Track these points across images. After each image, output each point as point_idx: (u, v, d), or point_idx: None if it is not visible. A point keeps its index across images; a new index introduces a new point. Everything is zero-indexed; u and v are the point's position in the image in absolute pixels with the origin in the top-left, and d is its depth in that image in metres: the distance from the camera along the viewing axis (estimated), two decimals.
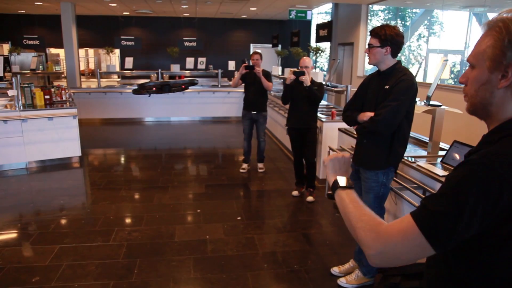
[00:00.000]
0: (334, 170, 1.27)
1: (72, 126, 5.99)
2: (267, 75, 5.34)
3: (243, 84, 5.53)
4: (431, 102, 3.41)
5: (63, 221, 4.07)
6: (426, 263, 1.12)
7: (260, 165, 5.83)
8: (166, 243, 3.54)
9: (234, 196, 4.90)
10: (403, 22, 13.59)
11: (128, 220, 4.11)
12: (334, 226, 4.03)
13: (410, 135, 3.82)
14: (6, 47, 14.61)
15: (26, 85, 5.82)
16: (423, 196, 2.76)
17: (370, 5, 9.92)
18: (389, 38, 2.53)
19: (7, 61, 5.86)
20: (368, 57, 2.70)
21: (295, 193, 4.79)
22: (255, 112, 5.48)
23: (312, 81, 4.31)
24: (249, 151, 5.75)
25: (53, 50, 15.09)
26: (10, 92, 5.59)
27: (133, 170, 6.12)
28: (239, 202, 4.70)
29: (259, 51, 5.58)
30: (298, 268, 3.21)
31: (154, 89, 6.05)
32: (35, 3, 11.17)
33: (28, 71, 11.48)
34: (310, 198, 4.58)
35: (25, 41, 11.62)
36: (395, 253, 0.93)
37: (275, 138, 7.87)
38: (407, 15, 13.66)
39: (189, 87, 7.16)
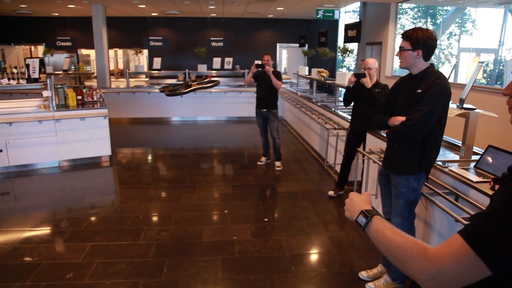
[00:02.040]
0: (356, 206, 1.27)
1: (102, 126, 6.15)
2: (277, 74, 5.61)
3: (255, 83, 5.81)
4: (465, 105, 3.32)
5: (95, 219, 4.19)
6: None
7: (277, 163, 5.90)
8: (194, 243, 3.59)
9: (261, 197, 4.92)
10: (433, 21, 13.24)
11: (157, 220, 4.19)
12: (362, 230, 3.97)
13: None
14: (40, 49, 15.17)
15: (60, 86, 6.02)
16: (455, 202, 2.69)
17: (400, 4, 9.73)
18: (421, 41, 2.48)
19: (42, 62, 6.08)
20: (399, 60, 2.65)
21: (331, 193, 4.78)
22: (265, 110, 5.74)
23: (376, 82, 4.28)
24: (266, 145, 6.10)
25: (84, 51, 15.53)
26: (45, 93, 5.78)
27: (161, 170, 6.23)
28: (266, 203, 4.72)
29: (269, 52, 5.84)
30: (325, 271, 3.19)
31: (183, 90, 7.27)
32: (68, 6, 11.53)
33: (61, 72, 11.88)
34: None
35: (58, 43, 12.01)
36: (450, 276, 0.89)
37: (302, 139, 7.84)
38: (437, 13, 13.30)
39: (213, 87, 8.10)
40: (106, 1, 10.52)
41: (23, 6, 11.90)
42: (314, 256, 3.49)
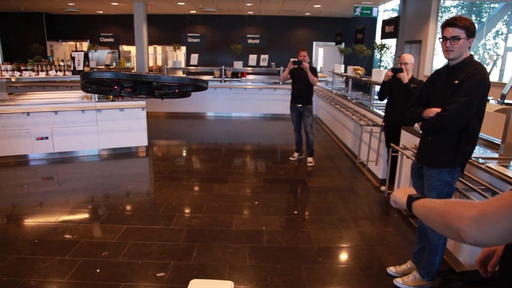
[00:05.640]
0: (402, 194, 1.26)
1: (140, 117, 6.36)
2: (313, 70, 5.66)
3: (291, 80, 5.86)
4: (506, 101, 3.19)
5: (130, 204, 4.36)
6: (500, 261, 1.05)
7: (309, 159, 5.91)
8: (224, 231, 3.67)
9: (292, 191, 4.94)
10: (478, 19, 12.70)
11: (188, 207, 4.30)
12: (393, 227, 3.92)
13: (481, 136, 3.61)
14: (85, 45, 15.85)
15: None
16: None
17: (442, 1, 9.42)
18: (473, 29, 2.41)
19: (86, 56, 6.38)
20: (447, 52, 2.48)
21: (383, 188, 4.81)
22: (300, 105, 5.78)
23: (412, 78, 4.29)
24: (299, 141, 6.11)
25: (125, 47, 16.08)
26: None
27: (195, 162, 6.38)
28: (296, 197, 4.73)
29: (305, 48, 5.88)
30: (353, 265, 3.17)
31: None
32: (112, 3, 11.98)
33: (103, 66, 12.37)
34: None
35: (101, 39, 12.53)
36: (492, 221, 0.85)
37: (336, 137, 7.77)
38: (483, 10, 12.75)
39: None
40: None
41: (71, 4, 12.49)
42: (342, 249, 3.47)
